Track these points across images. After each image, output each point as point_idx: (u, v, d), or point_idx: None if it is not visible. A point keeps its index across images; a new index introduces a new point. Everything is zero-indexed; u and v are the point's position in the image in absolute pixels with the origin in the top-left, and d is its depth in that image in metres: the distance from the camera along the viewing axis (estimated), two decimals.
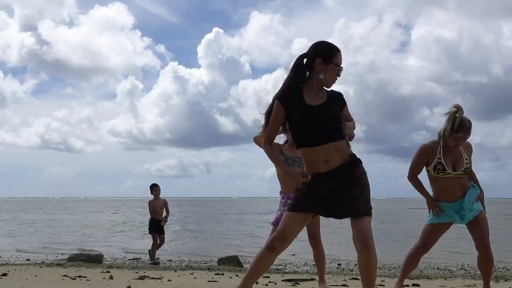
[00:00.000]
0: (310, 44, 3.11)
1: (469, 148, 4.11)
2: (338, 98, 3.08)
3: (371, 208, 2.96)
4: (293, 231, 2.96)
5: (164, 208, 9.72)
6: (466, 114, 3.97)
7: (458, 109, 3.94)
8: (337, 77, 3.02)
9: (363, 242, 2.85)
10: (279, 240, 2.92)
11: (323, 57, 2.95)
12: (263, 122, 3.57)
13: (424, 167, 4.09)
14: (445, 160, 3.97)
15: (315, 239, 4.53)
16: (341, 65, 3.00)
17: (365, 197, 2.94)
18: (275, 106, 3.01)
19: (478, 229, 3.95)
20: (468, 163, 4.01)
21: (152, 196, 9.72)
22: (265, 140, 3.09)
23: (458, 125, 3.88)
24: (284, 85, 3.05)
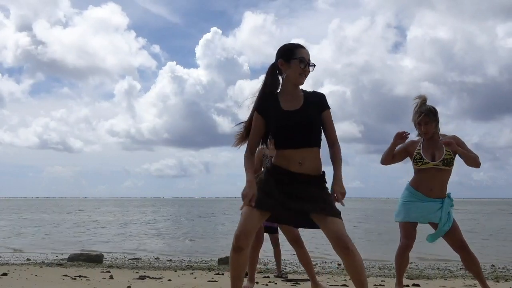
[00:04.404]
0: (307, 44, 3.13)
1: (453, 140, 4.10)
2: (317, 102, 3.03)
3: (339, 212, 2.89)
4: (254, 227, 2.92)
5: None
6: (464, 114, 4.09)
7: (420, 98, 4.18)
8: (305, 72, 2.99)
9: (344, 248, 2.78)
10: (242, 239, 2.88)
11: (283, 57, 3.01)
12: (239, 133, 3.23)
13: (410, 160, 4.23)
14: (424, 151, 4.11)
15: (299, 242, 4.53)
16: (306, 59, 2.97)
17: (331, 199, 2.90)
18: (254, 117, 3.02)
19: (453, 236, 4.08)
20: (450, 155, 4.05)
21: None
22: (247, 151, 3.05)
23: (417, 111, 4.13)
24: (258, 95, 3.07)
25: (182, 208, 55.32)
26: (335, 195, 2.90)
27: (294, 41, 3.13)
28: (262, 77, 3.12)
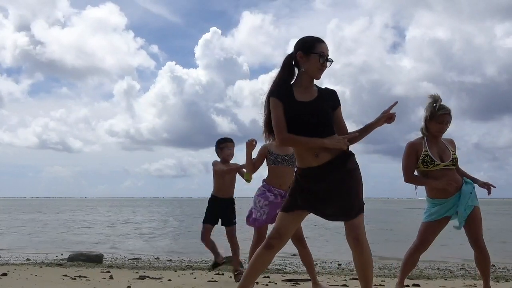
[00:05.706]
0: None
1: (452, 143, 4.14)
2: (330, 96, 3.05)
3: (363, 204, 2.95)
4: (288, 229, 2.97)
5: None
6: (463, 114, 4.10)
7: (435, 98, 4.03)
8: (324, 67, 2.99)
9: (355, 239, 2.86)
10: (276, 238, 2.94)
11: (303, 50, 2.98)
12: (264, 134, 3.18)
13: None
14: (431, 152, 3.98)
15: (301, 241, 4.52)
16: (325, 54, 2.97)
17: (357, 194, 2.92)
18: (273, 102, 2.97)
19: (472, 226, 3.96)
20: (455, 154, 4.03)
21: (219, 159, 5.83)
22: (282, 133, 2.92)
23: (439, 108, 3.98)
24: (273, 83, 3.05)
25: (182, 208, 55.18)
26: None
27: (293, 41, 3.13)
28: (262, 77, 3.19)
